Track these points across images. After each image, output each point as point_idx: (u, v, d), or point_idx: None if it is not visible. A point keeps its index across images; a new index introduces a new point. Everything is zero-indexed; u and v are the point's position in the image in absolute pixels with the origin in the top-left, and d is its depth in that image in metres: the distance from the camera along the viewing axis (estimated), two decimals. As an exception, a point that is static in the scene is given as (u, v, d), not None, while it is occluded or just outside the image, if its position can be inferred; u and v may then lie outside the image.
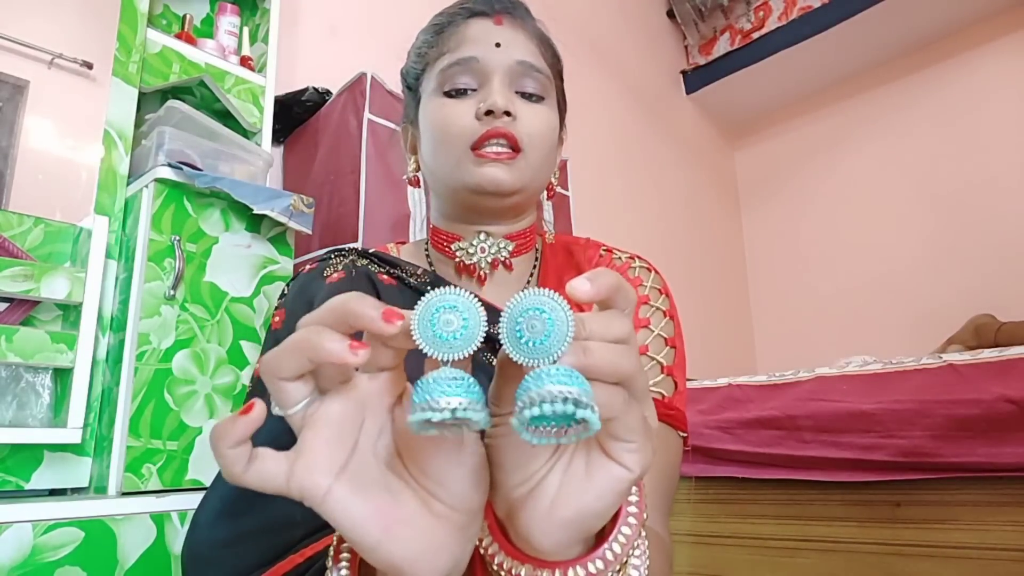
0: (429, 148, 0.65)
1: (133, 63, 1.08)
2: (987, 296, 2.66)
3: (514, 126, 0.60)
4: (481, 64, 0.62)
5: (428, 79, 0.65)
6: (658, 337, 0.63)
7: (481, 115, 0.60)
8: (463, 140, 0.60)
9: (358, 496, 0.27)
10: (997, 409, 1.02)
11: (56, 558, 0.78)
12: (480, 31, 0.63)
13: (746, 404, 1.35)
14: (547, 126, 0.63)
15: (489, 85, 0.61)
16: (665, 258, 3.00)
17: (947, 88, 3.05)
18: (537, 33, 0.67)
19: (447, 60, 0.63)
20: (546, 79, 0.64)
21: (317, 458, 0.27)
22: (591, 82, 2.76)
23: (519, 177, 0.61)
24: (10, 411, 0.89)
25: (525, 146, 0.61)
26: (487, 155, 0.60)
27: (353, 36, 1.88)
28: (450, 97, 0.62)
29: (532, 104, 0.63)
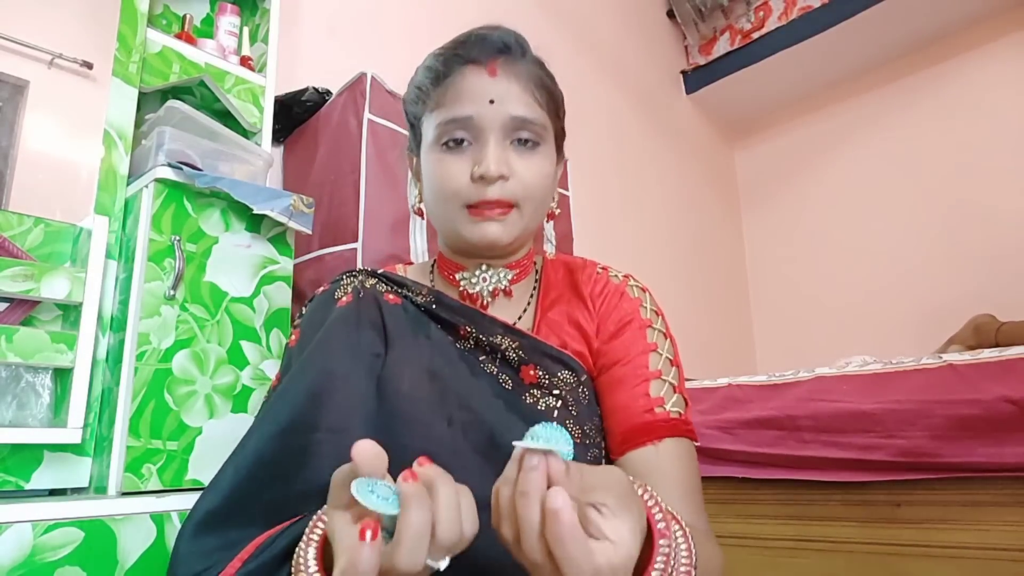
0: (430, 195, 0.70)
1: (133, 63, 1.08)
2: (987, 296, 2.66)
3: (507, 188, 0.65)
4: (476, 122, 0.66)
5: (427, 126, 0.70)
6: (666, 360, 0.68)
7: (476, 178, 0.64)
8: (459, 199, 0.65)
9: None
10: (997, 409, 1.02)
11: (56, 558, 0.78)
12: (474, 85, 0.67)
13: (746, 404, 1.35)
14: (541, 175, 0.68)
15: (484, 143, 0.65)
16: (665, 258, 3.00)
17: (947, 88, 3.05)
18: (533, 77, 0.70)
19: (444, 115, 0.67)
20: (540, 127, 0.68)
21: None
22: (591, 82, 2.76)
23: (512, 230, 0.66)
24: (10, 411, 0.89)
25: (520, 200, 0.66)
26: (481, 213, 0.65)
27: (353, 36, 1.88)
28: (448, 150, 0.67)
29: (527, 155, 0.67)
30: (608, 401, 0.68)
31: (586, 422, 0.65)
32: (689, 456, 0.65)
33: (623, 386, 0.66)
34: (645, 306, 0.72)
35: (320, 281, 1.37)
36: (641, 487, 0.45)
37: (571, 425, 0.64)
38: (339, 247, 1.33)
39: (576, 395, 0.66)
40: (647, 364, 0.67)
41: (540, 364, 0.66)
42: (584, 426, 0.65)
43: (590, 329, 0.71)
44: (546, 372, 0.66)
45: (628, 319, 0.70)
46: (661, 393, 0.66)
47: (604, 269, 0.77)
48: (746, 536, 1.30)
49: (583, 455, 0.64)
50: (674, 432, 0.64)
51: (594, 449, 0.65)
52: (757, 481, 1.29)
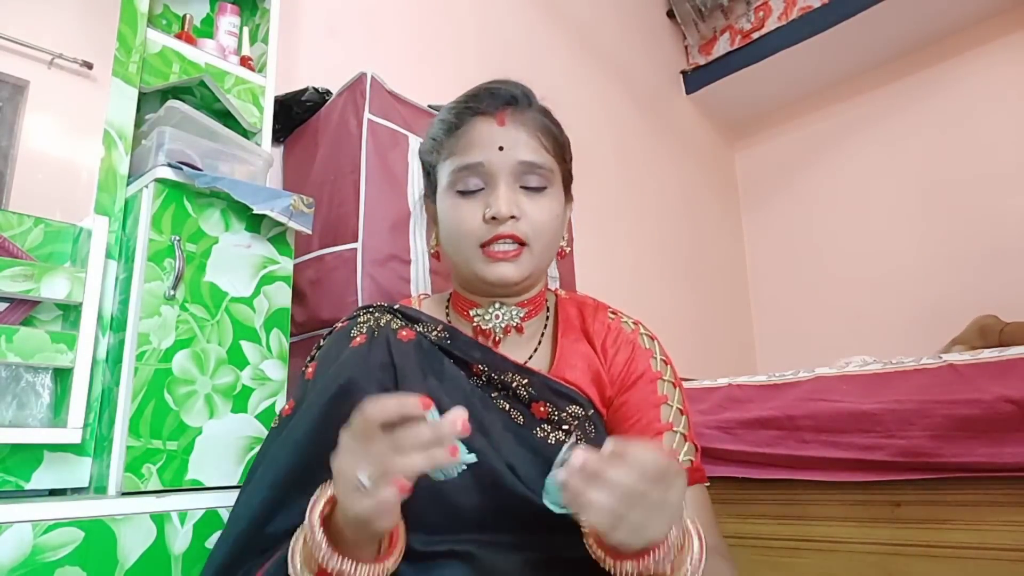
0: (445, 238, 0.76)
1: (133, 63, 1.08)
2: (987, 296, 2.66)
3: (518, 226, 0.70)
4: (487, 167, 0.71)
5: (442, 173, 0.75)
6: (676, 411, 0.72)
7: (488, 219, 0.69)
8: (473, 239, 0.70)
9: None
10: (997, 409, 1.02)
11: (56, 558, 0.78)
12: (484, 134, 0.72)
13: (746, 404, 1.35)
14: (550, 216, 0.73)
15: (495, 187, 0.70)
16: (665, 258, 3.00)
17: (947, 88, 3.05)
18: (539, 125, 0.74)
19: (457, 163, 0.72)
20: (548, 171, 0.73)
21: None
22: (591, 82, 2.76)
23: (525, 270, 0.71)
24: (10, 411, 0.89)
25: (530, 240, 0.71)
26: (495, 254, 0.70)
27: (353, 36, 1.88)
28: (462, 195, 0.72)
29: (535, 197, 0.72)
30: None
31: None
32: (704, 500, 0.71)
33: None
34: (656, 357, 0.76)
35: (320, 281, 1.38)
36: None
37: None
38: (339, 247, 1.33)
39: (584, 428, 0.70)
40: (659, 418, 0.71)
41: (550, 401, 0.70)
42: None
43: (602, 374, 0.75)
44: (555, 408, 0.69)
45: (640, 372, 0.74)
46: (673, 445, 0.70)
47: (616, 315, 0.81)
48: (746, 536, 1.30)
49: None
50: (688, 482, 0.67)
51: None
52: (757, 481, 1.29)
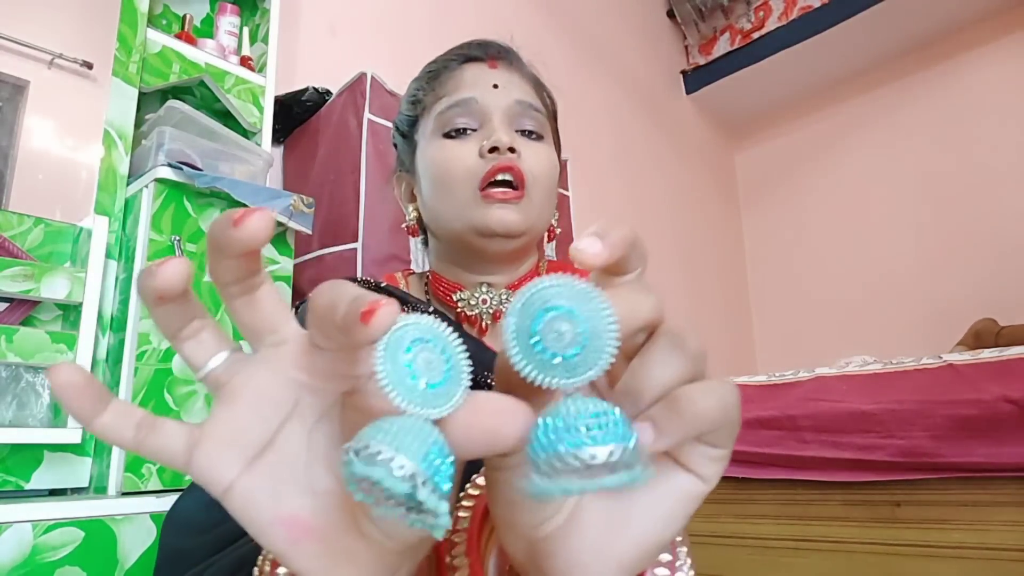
0: (431, 192, 0.64)
1: (133, 63, 1.08)
2: (988, 296, 2.66)
3: (519, 162, 0.60)
4: (480, 105, 0.62)
5: (425, 124, 0.65)
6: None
7: (485, 152, 0.60)
8: (469, 181, 0.60)
9: (268, 494, 0.22)
10: (997, 409, 1.02)
11: (56, 558, 0.78)
12: (476, 74, 0.64)
13: (746, 404, 1.34)
14: (549, 163, 0.64)
15: (490, 124, 0.61)
16: (665, 258, 3.00)
17: (947, 88, 3.05)
18: (531, 76, 0.67)
19: (445, 103, 0.63)
20: (544, 118, 0.65)
21: (223, 443, 0.21)
22: (591, 82, 2.76)
23: (526, 216, 0.61)
24: (10, 411, 0.89)
25: (529, 185, 0.61)
26: (494, 195, 0.59)
27: (353, 36, 1.88)
28: (451, 138, 0.62)
29: (532, 142, 0.63)
30: None
31: None
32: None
33: None
34: None
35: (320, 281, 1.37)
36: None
37: None
38: (339, 247, 1.33)
39: None
40: None
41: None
42: None
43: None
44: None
45: None
46: None
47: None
48: (746, 536, 1.30)
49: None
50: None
51: None
52: (757, 481, 1.29)
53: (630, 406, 0.21)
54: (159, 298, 0.21)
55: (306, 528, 0.22)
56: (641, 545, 0.22)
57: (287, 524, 0.22)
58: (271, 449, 0.22)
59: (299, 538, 0.22)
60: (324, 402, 0.23)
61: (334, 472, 0.23)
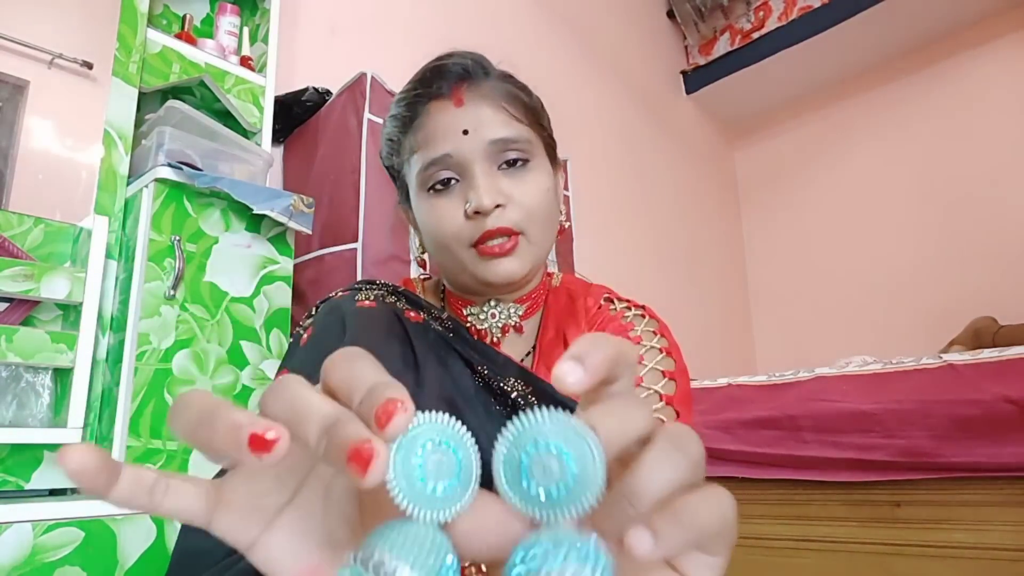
0: (431, 246, 0.65)
1: (133, 63, 1.08)
2: (987, 296, 2.66)
3: (506, 215, 0.60)
4: (456, 158, 0.61)
5: (409, 175, 0.65)
6: (653, 371, 0.63)
7: (471, 214, 0.59)
8: (461, 240, 0.60)
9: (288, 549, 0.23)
10: (997, 409, 1.02)
11: (56, 558, 0.78)
12: (444, 121, 0.62)
13: (746, 404, 1.35)
14: (539, 192, 0.62)
15: (470, 173, 0.60)
16: (665, 258, 3.00)
17: (947, 88, 3.05)
18: (503, 94, 0.64)
19: (421, 159, 0.62)
20: (525, 143, 0.63)
21: (240, 505, 0.23)
22: (591, 82, 2.76)
23: (527, 261, 0.61)
24: (10, 411, 0.89)
25: (524, 227, 0.61)
26: (491, 251, 0.59)
27: (353, 36, 1.88)
28: (437, 192, 0.62)
29: (519, 175, 0.62)
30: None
31: None
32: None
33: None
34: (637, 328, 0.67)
35: (320, 281, 1.38)
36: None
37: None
38: (339, 247, 1.33)
39: None
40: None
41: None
42: None
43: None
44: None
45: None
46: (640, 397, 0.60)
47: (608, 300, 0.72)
48: (746, 536, 1.30)
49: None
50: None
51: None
52: (757, 481, 1.29)
53: (628, 507, 0.22)
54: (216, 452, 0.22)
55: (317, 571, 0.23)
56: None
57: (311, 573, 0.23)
58: (291, 507, 0.23)
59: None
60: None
61: (351, 523, 0.24)
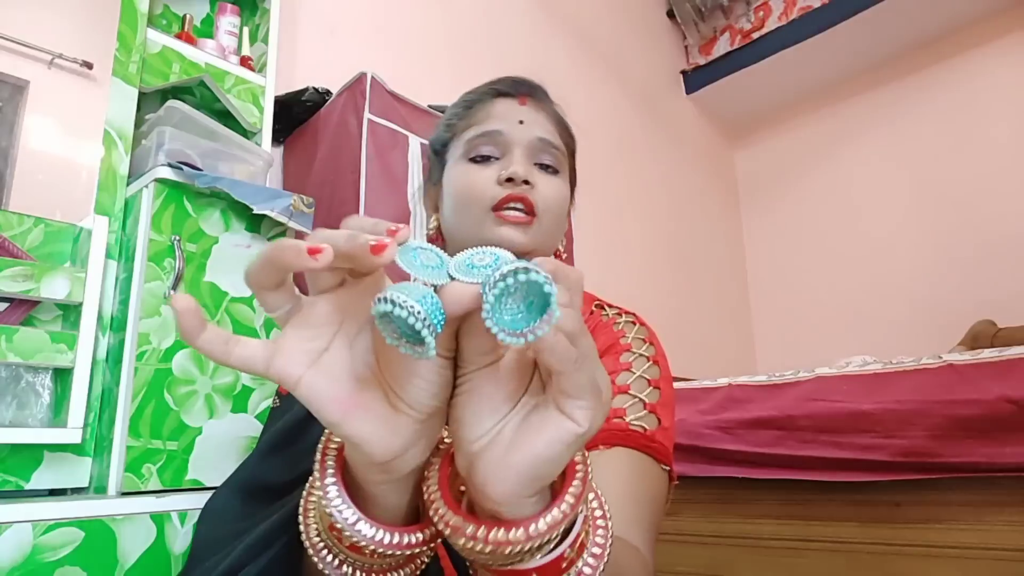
0: (451, 207, 0.71)
1: (133, 63, 1.08)
2: (987, 295, 2.66)
3: (531, 193, 0.67)
4: (505, 137, 0.69)
5: (455, 147, 0.72)
6: (640, 379, 0.66)
7: (503, 180, 0.67)
8: (485, 202, 0.67)
9: (326, 383, 0.31)
10: (997, 409, 1.02)
11: (56, 558, 0.78)
12: (506, 109, 0.71)
13: (746, 404, 1.35)
14: (560, 195, 0.70)
15: (511, 155, 0.68)
16: (665, 258, 3.00)
17: (947, 88, 3.05)
18: (555, 116, 0.74)
19: (474, 132, 0.70)
20: (561, 155, 0.72)
21: (291, 351, 0.31)
22: (591, 82, 2.76)
23: (533, 239, 0.67)
24: (10, 411, 0.89)
25: (540, 212, 0.68)
26: (506, 217, 0.66)
27: (353, 36, 1.88)
28: (475, 163, 0.69)
29: (548, 175, 0.70)
30: None
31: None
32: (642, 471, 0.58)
33: None
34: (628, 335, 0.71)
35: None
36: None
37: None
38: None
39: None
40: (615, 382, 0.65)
41: None
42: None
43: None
44: None
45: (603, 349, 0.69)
46: (624, 406, 0.62)
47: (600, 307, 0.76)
48: (746, 536, 1.30)
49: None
50: (629, 442, 0.59)
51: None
52: (757, 481, 1.29)
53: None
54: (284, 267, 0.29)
55: (354, 403, 0.31)
56: (532, 459, 0.30)
57: (340, 401, 0.31)
58: (327, 353, 0.31)
59: (348, 411, 0.31)
60: (359, 321, 0.33)
61: (371, 367, 0.32)
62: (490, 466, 0.31)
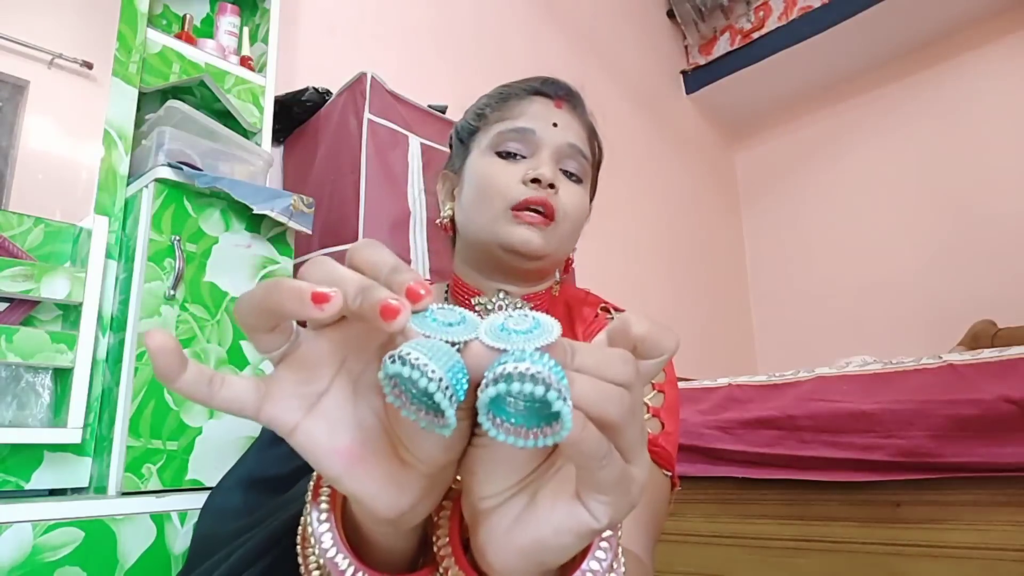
0: (471, 199, 0.70)
1: (133, 63, 1.08)
2: (987, 295, 2.66)
3: (554, 198, 0.67)
4: (536, 137, 0.68)
5: (482, 137, 0.71)
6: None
7: (527, 181, 0.66)
8: (505, 199, 0.66)
9: (326, 432, 0.28)
10: (997, 409, 1.02)
11: (56, 558, 0.78)
12: (541, 109, 0.70)
13: (746, 404, 1.35)
14: (581, 204, 0.70)
15: (539, 156, 0.68)
16: (665, 258, 3.00)
17: (947, 88, 3.05)
18: (588, 125, 0.75)
19: (506, 125, 0.69)
20: (588, 164, 0.72)
21: (285, 395, 0.27)
22: (591, 81, 2.75)
23: (548, 243, 0.67)
24: (10, 411, 0.89)
25: (559, 218, 0.67)
26: (524, 217, 0.65)
27: (353, 36, 1.88)
28: (501, 158, 0.68)
29: (571, 183, 0.69)
30: None
31: None
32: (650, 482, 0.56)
33: None
34: None
35: (320, 281, 1.37)
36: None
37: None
38: (339, 247, 1.33)
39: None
40: None
41: None
42: None
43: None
44: None
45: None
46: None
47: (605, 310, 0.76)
48: (746, 536, 1.30)
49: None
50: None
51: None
52: (757, 481, 1.29)
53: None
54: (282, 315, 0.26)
55: (356, 456, 0.28)
56: (536, 543, 0.27)
57: (341, 454, 0.27)
58: (326, 397, 0.28)
59: (351, 464, 0.28)
60: (365, 358, 0.29)
61: (377, 413, 0.29)
62: (492, 534, 0.28)
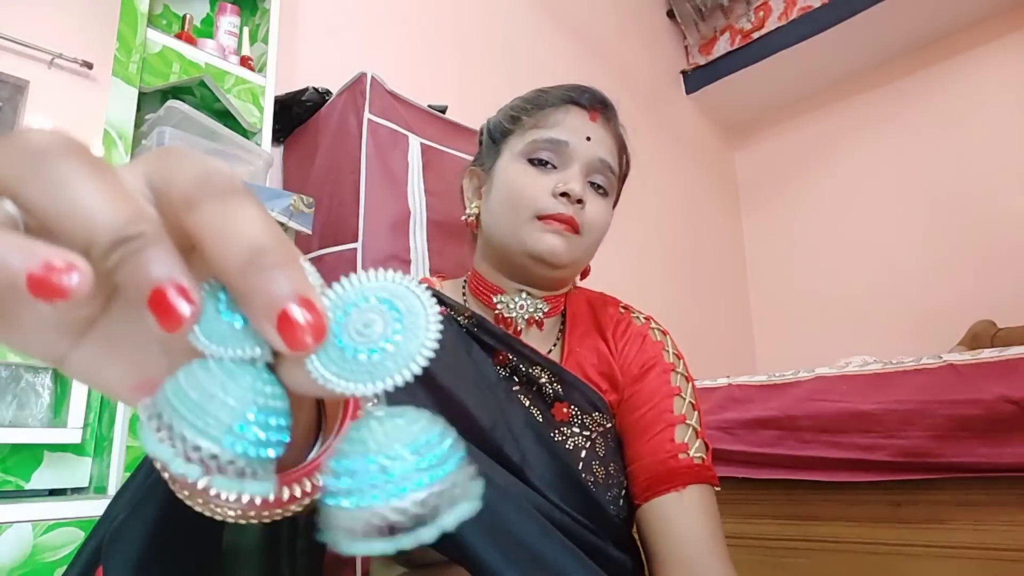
0: (499, 203, 0.72)
1: (133, 63, 1.08)
2: (987, 295, 2.66)
3: (580, 214, 0.69)
4: (569, 149, 0.70)
5: (515, 141, 0.73)
6: (688, 404, 0.68)
7: (558, 193, 0.68)
8: (533, 209, 0.68)
9: (103, 364, 0.23)
10: (997, 409, 1.02)
11: (56, 558, 0.78)
12: (577, 121, 0.72)
13: (746, 404, 1.35)
14: (604, 219, 0.73)
15: (570, 169, 0.70)
16: (665, 258, 3.00)
17: (947, 89, 3.05)
18: (619, 139, 0.77)
19: (541, 134, 0.71)
20: (615, 179, 0.75)
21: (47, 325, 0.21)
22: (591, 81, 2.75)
23: (572, 252, 0.69)
24: (10, 411, 0.89)
25: (584, 231, 0.70)
26: (551, 225, 0.67)
27: (353, 36, 1.88)
28: (532, 166, 0.70)
29: (598, 196, 0.72)
30: (633, 446, 0.68)
31: (611, 462, 0.67)
32: (712, 503, 0.65)
33: (648, 432, 0.67)
34: (667, 349, 0.73)
35: (321, 281, 1.37)
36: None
37: (596, 465, 0.66)
38: (339, 247, 1.33)
39: (605, 439, 0.68)
40: (672, 408, 0.68)
41: (575, 403, 0.68)
42: (608, 466, 0.67)
43: (614, 369, 0.72)
44: (580, 411, 0.67)
45: (652, 363, 0.71)
46: (685, 439, 0.66)
47: (626, 309, 0.78)
48: (746, 536, 1.30)
49: (604, 493, 0.65)
50: (697, 479, 0.64)
51: (616, 488, 0.67)
52: (757, 481, 1.29)
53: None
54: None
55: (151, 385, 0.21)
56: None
57: (138, 388, 0.22)
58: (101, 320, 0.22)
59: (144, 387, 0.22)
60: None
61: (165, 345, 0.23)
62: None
